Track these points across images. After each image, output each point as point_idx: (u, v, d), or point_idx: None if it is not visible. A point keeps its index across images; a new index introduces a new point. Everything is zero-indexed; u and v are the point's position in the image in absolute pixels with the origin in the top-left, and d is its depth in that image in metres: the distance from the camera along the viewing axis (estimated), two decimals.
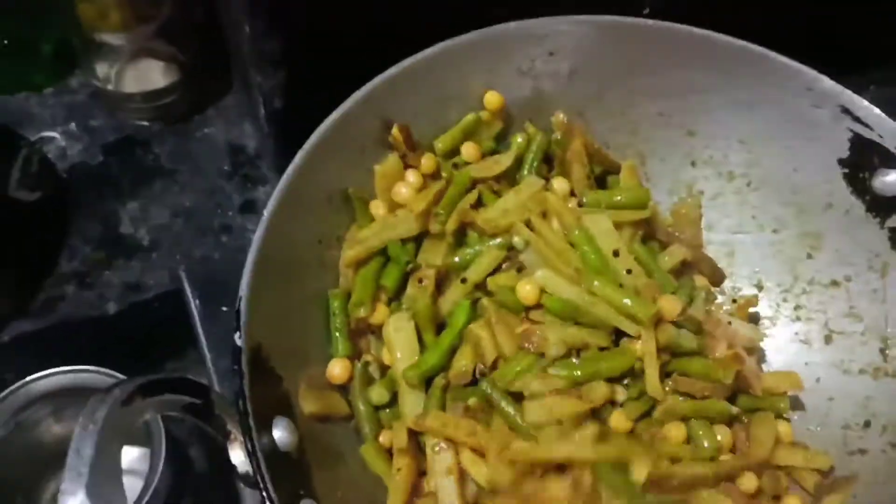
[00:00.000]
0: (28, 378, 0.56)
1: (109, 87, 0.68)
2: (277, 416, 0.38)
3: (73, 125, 0.70)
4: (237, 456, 0.35)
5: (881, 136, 0.50)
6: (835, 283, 0.54)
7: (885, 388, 0.51)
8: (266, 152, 0.69)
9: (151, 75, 0.69)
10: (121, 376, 0.58)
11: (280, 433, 0.37)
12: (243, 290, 0.38)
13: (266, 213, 0.41)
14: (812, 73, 0.51)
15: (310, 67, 0.54)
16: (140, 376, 0.33)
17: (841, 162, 0.52)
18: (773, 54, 0.51)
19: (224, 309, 0.55)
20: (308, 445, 0.40)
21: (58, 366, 0.58)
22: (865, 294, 0.53)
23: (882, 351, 0.52)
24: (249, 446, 0.34)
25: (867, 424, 0.51)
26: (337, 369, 0.45)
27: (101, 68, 0.68)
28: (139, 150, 0.69)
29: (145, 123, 0.70)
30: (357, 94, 0.46)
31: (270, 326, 0.40)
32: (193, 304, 0.55)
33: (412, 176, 0.48)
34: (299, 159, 0.43)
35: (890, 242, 0.52)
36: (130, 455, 0.57)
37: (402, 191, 0.48)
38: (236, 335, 0.37)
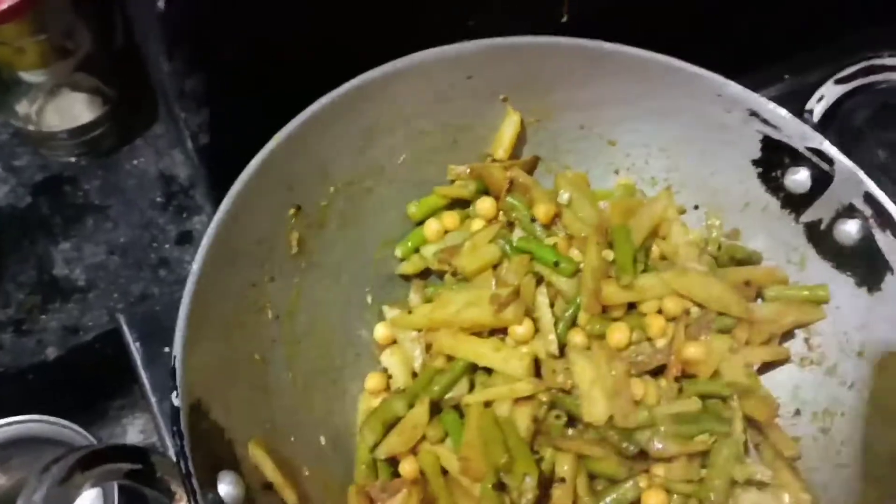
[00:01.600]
0: None
1: (32, 126, 0.67)
2: (222, 472, 0.38)
3: None
4: None
5: (789, 137, 0.52)
6: None
7: (812, 377, 0.54)
8: (199, 181, 0.69)
9: (75, 110, 0.68)
10: (67, 423, 0.58)
11: (226, 489, 0.38)
12: (177, 348, 0.38)
13: (195, 265, 0.41)
14: (720, 79, 0.53)
15: (235, 102, 0.54)
16: (75, 450, 0.33)
17: (754, 162, 0.54)
18: (680, 63, 0.53)
19: (166, 350, 0.55)
20: (256, 496, 0.40)
21: (1, 417, 0.57)
22: None
23: (806, 341, 0.55)
24: None
25: (797, 413, 0.54)
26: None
27: (21, 107, 0.67)
28: (68, 188, 0.68)
29: (72, 159, 0.69)
30: (279, 135, 0.46)
31: (209, 378, 0.41)
32: (133, 347, 0.55)
33: None
34: (224, 207, 0.43)
35: (805, 236, 0.54)
36: (86, 496, 0.57)
37: None
38: (173, 395, 0.37)
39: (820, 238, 0.53)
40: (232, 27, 0.48)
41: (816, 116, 0.53)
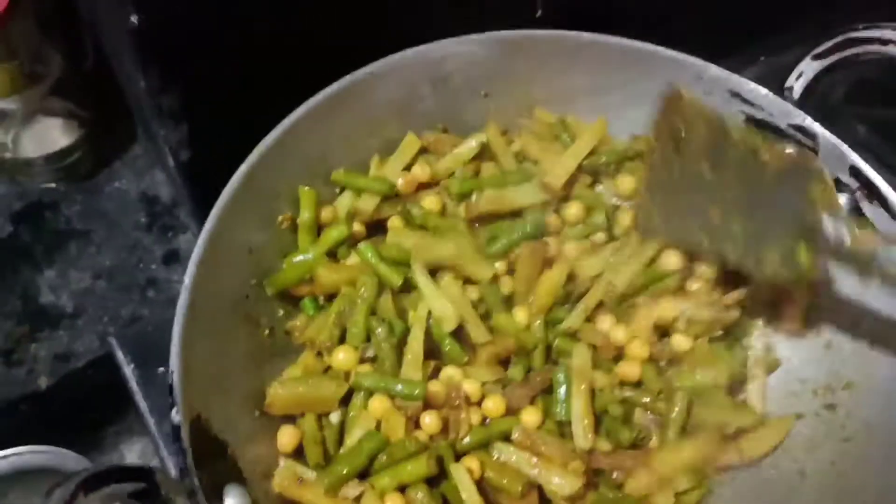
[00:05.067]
0: None
1: (8, 154, 0.66)
2: (228, 485, 0.38)
3: None
4: None
5: (771, 115, 0.53)
6: None
7: (810, 353, 0.54)
8: (182, 200, 0.68)
9: (51, 135, 0.67)
10: (64, 451, 0.57)
11: (233, 502, 0.37)
12: (174, 363, 0.38)
13: (186, 279, 0.41)
14: (699, 62, 0.53)
15: (213, 117, 0.53)
16: (79, 472, 0.32)
17: None
18: (660, 49, 0.53)
19: (160, 370, 0.54)
20: None
21: None
22: None
23: None
24: None
25: (799, 390, 0.54)
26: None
27: None
28: (49, 215, 0.67)
29: (51, 185, 0.69)
30: (261, 146, 0.46)
31: (208, 393, 0.40)
32: (128, 370, 0.54)
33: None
34: (212, 220, 0.43)
35: None
36: None
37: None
38: (173, 411, 0.37)
39: None
40: (205, 40, 0.48)
41: (797, 93, 0.53)
